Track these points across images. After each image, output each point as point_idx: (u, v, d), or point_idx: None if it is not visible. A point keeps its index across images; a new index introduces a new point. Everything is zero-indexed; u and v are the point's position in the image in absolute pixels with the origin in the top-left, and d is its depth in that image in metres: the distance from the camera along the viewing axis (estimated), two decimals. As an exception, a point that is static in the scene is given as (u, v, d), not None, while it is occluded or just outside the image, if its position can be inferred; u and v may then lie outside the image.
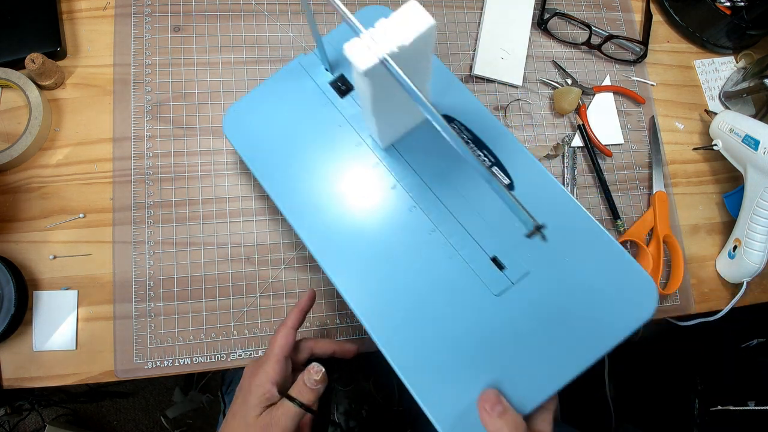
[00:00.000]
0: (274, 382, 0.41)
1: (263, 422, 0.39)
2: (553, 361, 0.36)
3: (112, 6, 0.57)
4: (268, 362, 0.41)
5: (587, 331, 0.36)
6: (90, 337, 0.50)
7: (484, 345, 0.36)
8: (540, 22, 0.64)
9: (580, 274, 0.37)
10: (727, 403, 0.79)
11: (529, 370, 0.36)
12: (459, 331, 0.37)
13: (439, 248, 0.39)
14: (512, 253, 0.38)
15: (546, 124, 0.62)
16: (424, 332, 0.37)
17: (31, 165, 0.53)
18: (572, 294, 0.37)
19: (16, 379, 0.49)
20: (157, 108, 0.55)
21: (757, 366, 0.79)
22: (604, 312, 0.37)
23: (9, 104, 0.54)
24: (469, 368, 0.36)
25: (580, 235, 0.39)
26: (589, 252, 0.38)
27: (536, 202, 0.39)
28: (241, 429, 0.39)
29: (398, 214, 0.40)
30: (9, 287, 0.48)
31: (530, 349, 0.36)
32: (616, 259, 0.38)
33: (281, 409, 0.39)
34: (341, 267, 0.40)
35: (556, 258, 0.38)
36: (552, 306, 0.37)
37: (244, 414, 0.40)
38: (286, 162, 0.43)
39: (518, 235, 0.39)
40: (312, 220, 0.41)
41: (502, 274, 0.38)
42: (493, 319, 0.37)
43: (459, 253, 0.38)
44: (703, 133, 0.65)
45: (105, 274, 0.51)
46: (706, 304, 0.60)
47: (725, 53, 0.68)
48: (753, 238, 0.55)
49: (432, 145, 0.42)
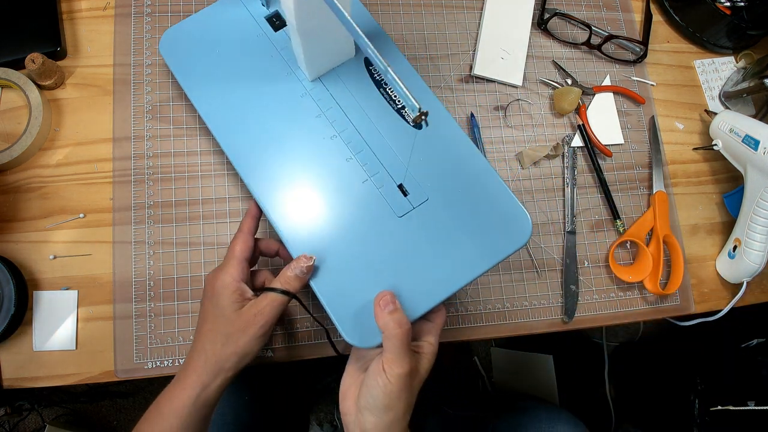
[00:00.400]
0: (240, 280, 0.40)
1: (248, 315, 0.39)
2: (441, 275, 0.41)
3: (112, 6, 0.57)
4: (229, 264, 0.41)
5: (471, 252, 0.42)
6: (90, 337, 0.50)
7: (385, 258, 0.42)
8: (540, 22, 0.64)
9: (469, 204, 0.43)
10: (727, 403, 0.79)
11: (422, 281, 0.41)
12: (366, 246, 0.42)
13: (354, 173, 0.44)
14: (415, 183, 0.44)
15: (546, 124, 0.62)
16: (337, 244, 0.42)
17: (31, 165, 0.53)
18: (462, 220, 0.43)
19: (16, 379, 0.49)
20: (157, 108, 0.55)
21: (757, 366, 0.79)
22: (486, 237, 0.42)
23: (9, 104, 0.54)
24: (372, 277, 0.41)
25: (473, 172, 0.44)
26: (480, 187, 0.44)
27: (439, 142, 0.45)
28: (222, 326, 0.38)
29: (321, 141, 0.45)
30: (9, 287, 0.48)
31: (424, 263, 0.42)
32: (501, 195, 0.44)
33: (266, 299, 0.39)
34: (261, 179, 0.44)
35: (451, 189, 0.44)
36: (444, 229, 0.43)
37: (218, 314, 0.39)
38: (219, 85, 0.46)
39: (422, 167, 0.44)
40: (239, 138, 0.45)
41: (406, 199, 0.43)
42: (395, 236, 0.42)
43: (371, 179, 0.44)
44: (703, 133, 0.65)
45: (105, 274, 0.51)
46: (706, 304, 0.60)
47: (725, 53, 0.68)
48: (753, 238, 0.55)
49: (355, 83, 0.47)
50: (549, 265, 0.58)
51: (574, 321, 0.57)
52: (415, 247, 0.42)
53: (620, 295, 0.58)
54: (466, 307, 0.55)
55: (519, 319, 0.56)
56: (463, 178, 0.44)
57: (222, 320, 0.39)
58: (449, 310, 0.55)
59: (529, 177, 0.60)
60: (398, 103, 0.46)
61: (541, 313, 0.56)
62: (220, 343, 0.38)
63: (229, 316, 0.39)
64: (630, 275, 0.57)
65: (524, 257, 0.57)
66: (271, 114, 0.45)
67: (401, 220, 0.43)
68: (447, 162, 0.44)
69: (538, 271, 0.57)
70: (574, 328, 0.57)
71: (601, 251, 0.59)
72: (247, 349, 0.38)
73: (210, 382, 0.38)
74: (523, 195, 0.59)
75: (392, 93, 0.47)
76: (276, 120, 0.45)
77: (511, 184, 0.59)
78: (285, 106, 0.46)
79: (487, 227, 0.43)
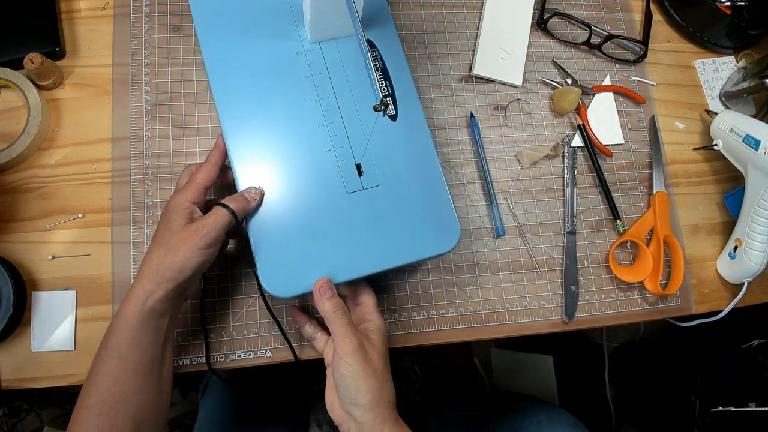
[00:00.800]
0: (193, 201, 0.42)
1: (192, 228, 0.40)
2: (366, 256, 0.45)
3: (111, 6, 0.57)
4: (187, 188, 0.42)
5: (398, 245, 0.45)
6: (89, 337, 0.50)
7: (321, 225, 0.45)
8: (540, 22, 0.63)
9: (413, 202, 0.46)
10: (727, 403, 0.79)
11: (347, 256, 0.44)
12: (308, 209, 0.45)
13: (321, 141, 0.47)
14: (373, 167, 0.47)
15: (546, 124, 0.62)
16: (282, 199, 0.45)
17: (30, 165, 0.53)
18: (400, 214, 0.46)
19: (14, 380, 0.48)
20: (156, 108, 0.55)
21: (757, 367, 0.79)
22: (416, 235, 0.46)
23: (8, 104, 0.54)
24: (304, 238, 0.44)
25: (426, 175, 0.47)
26: (427, 189, 0.47)
27: (407, 140, 0.48)
28: (167, 239, 0.40)
29: (300, 101, 0.47)
30: (7, 287, 0.47)
31: (355, 242, 0.45)
32: (443, 203, 0.47)
33: (213, 215, 0.41)
34: (234, 118, 0.46)
35: (402, 184, 0.47)
36: (382, 217, 0.46)
37: (166, 230, 0.41)
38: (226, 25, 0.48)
39: (384, 156, 0.47)
40: (228, 76, 0.47)
41: (359, 179, 0.46)
42: (337, 209, 0.45)
43: (334, 150, 0.46)
44: (703, 133, 0.65)
45: (104, 275, 0.51)
46: (707, 305, 0.60)
47: (725, 53, 0.68)
48: (754, 239, 0.55)
49: (351, 59, 0.49)
50: (549, 265, 0.57)
51: (574, 321, 0.56)
52: (352, 225, 0.45)
53: (620, 296, 0.58)
54: (465, 307, 0.55)
55: (519, 320, 0.56)
56: (415, 177, 0.47)
57: (168, 234, 0.40)
58: (448, 311, 0.55)
59: (529, 177, 0.59)
60: (384, 90, 0.49)
61: (541, 314, 0.56)
62: (162, 254, 0.39)
63: (174, 229, 0.40)
64: (630, 275, 0.57)
65: (524, 257, 0.57)
66: (264, 63, 0.48)
67: (349, 196, 0.46)
68: (407, 159, 0.47)
69: (538, 271, 0.57)
70: (575, 328, 0.57)
71: (601, 251, 0.59)
72: (185, 258, 0.39)
73: (154, 290, 0.39)
74: (523, 195, 0.59)
75: (380, 78, 0.49)
76: (267, 69, 0.47)
77: (510, 184, 0.59)
78: (279, 58, 0.48)
79: (420, 227, 0.46)
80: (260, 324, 0.52)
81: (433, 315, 0.55)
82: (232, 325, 0.51)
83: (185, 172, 0.46)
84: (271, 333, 0.51)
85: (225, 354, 0.50)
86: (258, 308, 0.52)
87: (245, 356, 0.51)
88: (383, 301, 0.54)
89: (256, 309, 0.52)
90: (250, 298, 0.52)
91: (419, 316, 0.54)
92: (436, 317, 0.55)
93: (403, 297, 0.55)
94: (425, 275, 0.55)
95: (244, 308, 0.52)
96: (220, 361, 0.50)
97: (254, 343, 0.51)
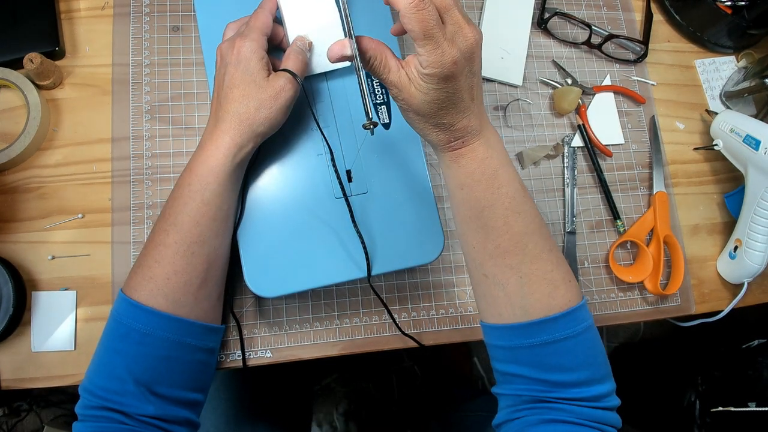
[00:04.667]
0: (265, 49, 0.40)
1: (279, 86, 0.39)
2: (354, 260, 0.45)
3: (111, 6, 0.57)
4: (252, 34, 0.40)
5: (383, 251, 0.46)
6: (89, 337, 0.50)
7: (307, 227, 0.45)
8: (540, 22, 0.63)
9: (399, 212, 0.47)
10: (727, 403, 0.79)
11: (339, 258, 0.45)
12: (295, 210, 0.46)
13: (313, 144, 0.47)
14: (363, 175, 0.47)
15: (546, 124, 0.62)
16: (271, 200, 0.46)
17: (30, 165, 0.53)
18: (386, 222, 0.46)
19: (14, 380, 0.48)
20: (155, 108, 0.55)
21: (758, 367, 0.79)
22: (400, 243, 0.46)
23: (7, 104, 0.54)
24: (289, 238, 0.45)
25: (415, 187, 0.48)
26: (414, 201, 0.47)
27: (399, 151, 0.48)
28: (254, 91, 0.39)
29: (296, 105, 0.45)
30: (7, 287, 0.47)
31: (344, 245, 0.45)
32: (429, 215, 0.47)
33: (284, 76, 0.39)
34: None
35: (390, 193, 0.47)
36: (368, 224, 0.46)
37: (248, 80, 0.39)
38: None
39: (375, 165, 0.48)
40: None
41: (348, 185, 0.47)
42: (324, 213, 0.46)
43: (325, 155, 0.47)
44: (703, 133, 0.65)
45: (104, 275, 0.51)
46: (707, 305, 0.60)
47: (726, 53, 0.68)
48: (754, 239, 0.55)
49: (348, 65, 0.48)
50: (549, 265, 0.57)
51: (575, 321, 0.56)
52: (339, 230, 0.45)
53: (620, 296, 0.58)
54: (465, 307, 0.55)
55: (519, 320, 0.56)
56: (404, 186, 0.48)
57: (253, 86, 0.39)
58: (448, 311, 0.55)
59: (529, 177, 0.59)
60: (379, 98, 0.49)
61: (541, 314, 0.56)
62: (253, 107, 0.39)
63: (260, 82, 0.39)
64: (630, 276, 0.57)
65: (524, 257, 0.57)
66: None
67: (336, 201, 0.46)
68: (397, 168, 0.48)
69: (539, 271, 0.57)
70: (575, 328, 0.57)
71: (601, 251, 0.59)
72: (278, 117, 0.39)
73: (245, 143, 0.39)
74: (523, 195, 0.59)
75: (376, 86, 0.49)
76: None
77: (511, 184, 0.59)
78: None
79: (404, 236, 0.46)
80: (260, 324, 0.52)
81: (433, 315, 0.55)
82: (233, 325, 0.51)
83: (230, 27, 0.44)
84: (271, 333, 0.51)
85: (225, 354, 0.50)
86: (258, 308, 0.52)
87: (245, 356, 0.51)
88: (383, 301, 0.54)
89: (256, 309, 0.52)
90: (250, 299, 0.52)
91: (419, 316, 0.54)
92: (436, 317, 0.55)
93: (403, 297, 0.55)
94: (425, 275, 0.55)
95: (245, 308, 0.52)
96: (220, 360, 0.50)
97: (255, 343, 0.51)
